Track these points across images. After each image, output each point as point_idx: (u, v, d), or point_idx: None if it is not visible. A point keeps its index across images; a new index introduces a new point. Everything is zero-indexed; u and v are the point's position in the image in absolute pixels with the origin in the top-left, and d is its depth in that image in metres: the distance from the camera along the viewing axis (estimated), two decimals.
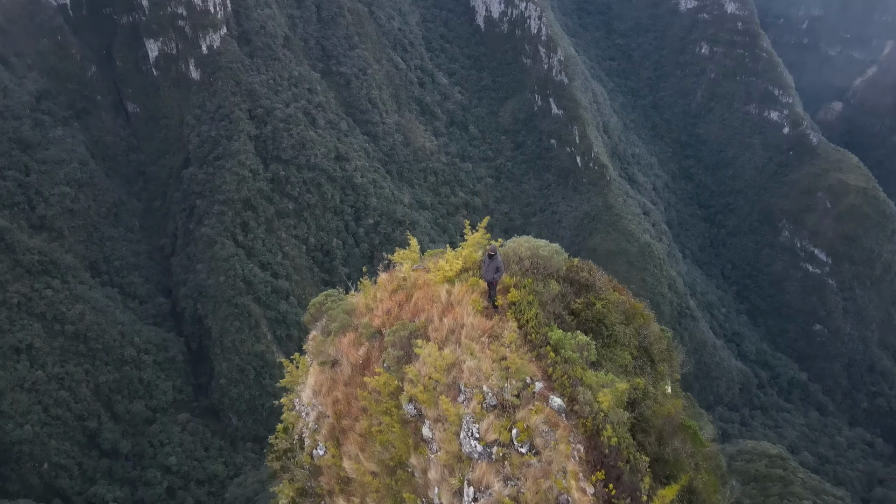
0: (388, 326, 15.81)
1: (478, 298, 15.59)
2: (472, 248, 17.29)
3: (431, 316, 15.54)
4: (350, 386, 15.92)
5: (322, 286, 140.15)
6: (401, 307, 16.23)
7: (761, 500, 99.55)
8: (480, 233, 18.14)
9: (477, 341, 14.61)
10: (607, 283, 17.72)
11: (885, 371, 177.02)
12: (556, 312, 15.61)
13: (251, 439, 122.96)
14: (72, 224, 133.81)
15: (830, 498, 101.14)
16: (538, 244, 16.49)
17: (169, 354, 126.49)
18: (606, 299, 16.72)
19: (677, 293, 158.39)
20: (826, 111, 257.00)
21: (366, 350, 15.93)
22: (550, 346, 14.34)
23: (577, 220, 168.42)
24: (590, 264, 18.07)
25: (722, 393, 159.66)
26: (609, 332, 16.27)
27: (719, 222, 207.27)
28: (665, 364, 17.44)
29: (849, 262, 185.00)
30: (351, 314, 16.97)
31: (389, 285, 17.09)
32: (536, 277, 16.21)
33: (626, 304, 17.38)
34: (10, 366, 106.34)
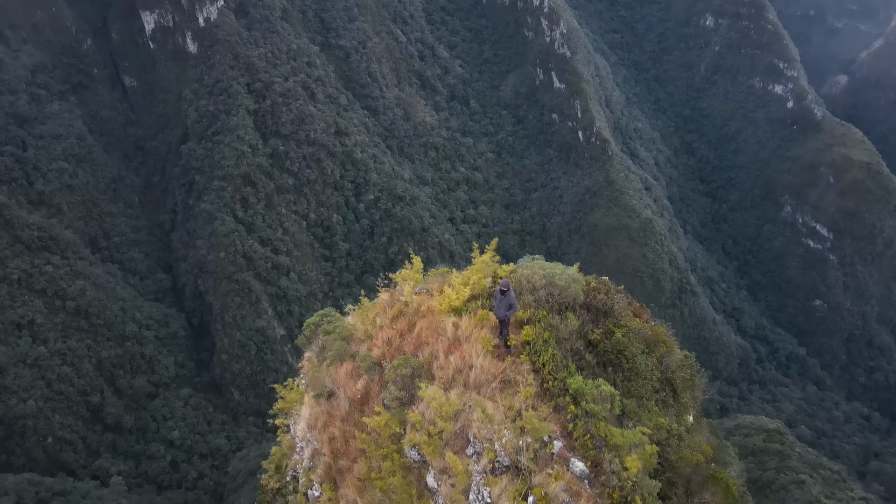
0: (388, 359, 14.58)
1: (488, 336, 14.13)
2: (481, 275, 15.84)
3: (436, 351, 14.17)
4: (347, 422, 14.66)
5: (322, 262, 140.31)
6: (402, 337, 14.88)
7: (759, 473, 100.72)
8: (489, 255, 16.70)
9: (487, 387, 13.20)
10: (626, 307, 16.37)
11: (884, 346, 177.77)
12: (574, 348, 14.41)
13: (253, 414, 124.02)
14: (70, 200, 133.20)
15: (827, 472, 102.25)
16: (553, 272, 15.00)
17: (170, 330, 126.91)
18: (626, 326, 15.47)
19: (678, 269, 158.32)
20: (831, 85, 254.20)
21: (364, 383, 14.64)
22: (570, 395, 12.96)
23: (578, 195, 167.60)
24: (607, 284, 16.70)
25: (721, 368, 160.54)
26: (630, 364, 15.09)
27: (721, 197, 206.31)
28: (688, 392, 16.24)
29: (850, 237, 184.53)
30: (348, 341, 15.60)
31: (390, 310, 15.70)
32: (552, 308, 14.85)
33: (646, 331, 16.10)
34: (12, 341, 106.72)
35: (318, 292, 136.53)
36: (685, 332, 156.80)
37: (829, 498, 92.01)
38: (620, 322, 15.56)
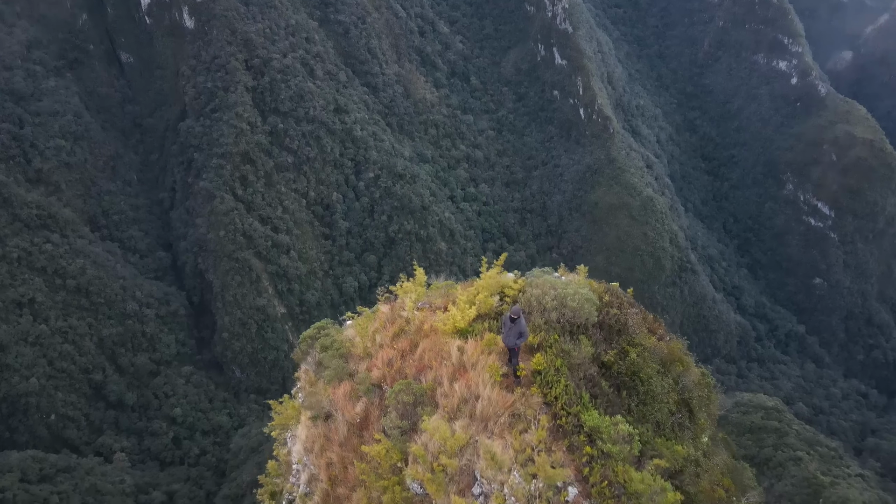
0: (388, 381, 13.81)
1: (496, 364, 13.25)
2: (487, 292, 14.75)
3: (440, 377, 13.32)
4: (346, 447, 13.96)
5: (322, 240, 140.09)
6: (403, 357, 14.03)
7: (756, 450, 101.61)
8: (496, 270, 15.53)
9: (495, 421, 12.38)
10: (640, 323, 15.38)
11: (883, 324, 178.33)
12: (588, 374, 13.48)
13: (254, 391, 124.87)
14: (69, 178, 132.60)
15: (824, 449, 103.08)
16: (566, 292, 13.98)
17: (171, 308, 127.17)
18: (641, 345, 14.58)
19: (678, 247, 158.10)
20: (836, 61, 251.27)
21: (364, 406, 13.89)
22: (585, 432, 12.08)
23: (578, 173, 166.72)
24: (620, 296, 15.73)
25: (720, 346, 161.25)
26: (645, 387, 14.24)
27: (723, 175, 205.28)
28: (704, 410, 15.45)
29: (852, 215, 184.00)
30: (346, 358, 14.75)
31: (391, 327, 14.80)
32: (563, 330, 13.97)
33: (662, 350, 15.13)
34: (13, 320, 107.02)
35: (319, 270, 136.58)
36: (685, 310, 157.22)
37: (825, 475, 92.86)
38: (635, 340, 14.65)
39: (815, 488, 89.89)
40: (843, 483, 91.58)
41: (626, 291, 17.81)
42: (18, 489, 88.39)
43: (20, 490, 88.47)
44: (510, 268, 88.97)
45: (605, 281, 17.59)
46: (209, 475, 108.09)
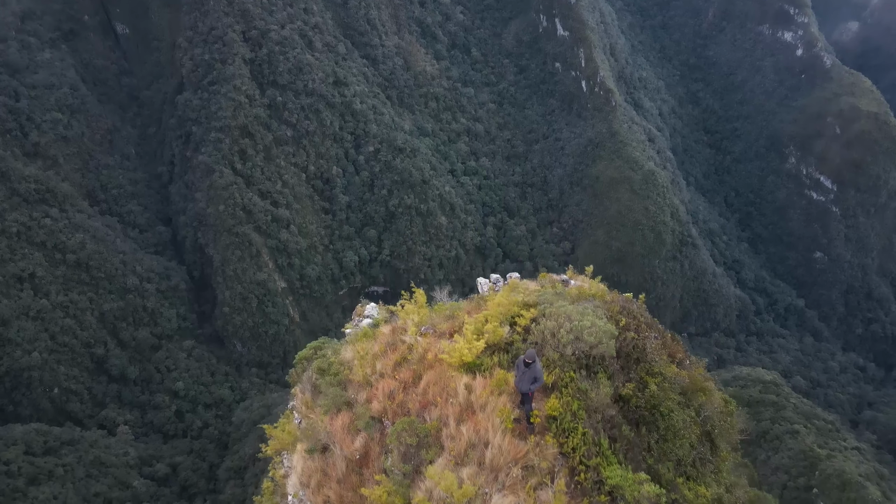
0: (390, 415, 12.88)
1: (507, 407, 12.19)
2: (497, 322, 13.48)
3: (446, 416, 12.30)
4: (344, 485, 13.08)
5: (322, 214, 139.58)
6: (406, 390, 12.98)
7: (754, 424, 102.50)
8: (505, 294, 14.21)
9: (506, 472, 11.42)
10: (660, 348, 14.29)
11: (882, 298, 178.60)
12: (607, 416, 12.54)
13: (256, 365, 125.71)
14: (66, 152, 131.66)
15: (821, 422, 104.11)
16: (582, 324, 12.93)
17: (171, 283, 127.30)
18: (661, 375, 13.61)
19: (679, 221, 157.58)
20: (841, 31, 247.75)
21: (364, 441, 13.01)
22: (606, 492, 11.12)
23: (580, 147, 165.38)
24: (636, 313, 14.49)
25: (719, 319, 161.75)
26: (666, 422, 13.23)
27: (725, 149, 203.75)
28: (725, 440, 14.58)
29: (854, 189, 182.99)
30: (345, 385, 13.76)
31: (392, 354, 13.72)
32: (580, 364, 12.98)
33: (683, 379, 14.04)
34: (14, 294, 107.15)
35: (319, 245, 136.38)
36: (685, 284, 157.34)
37: (822, 448, 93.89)
38: (654, 369, 13.58)
39: (812, 461, 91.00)
40: (840, 456, 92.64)
41: (639, 301, 16.58)
42: (23, 461, 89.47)
43: (25, 462, 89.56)
44: (510, 243, 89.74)
45: (617, 291, 16.43)
46: (212, 448, 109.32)
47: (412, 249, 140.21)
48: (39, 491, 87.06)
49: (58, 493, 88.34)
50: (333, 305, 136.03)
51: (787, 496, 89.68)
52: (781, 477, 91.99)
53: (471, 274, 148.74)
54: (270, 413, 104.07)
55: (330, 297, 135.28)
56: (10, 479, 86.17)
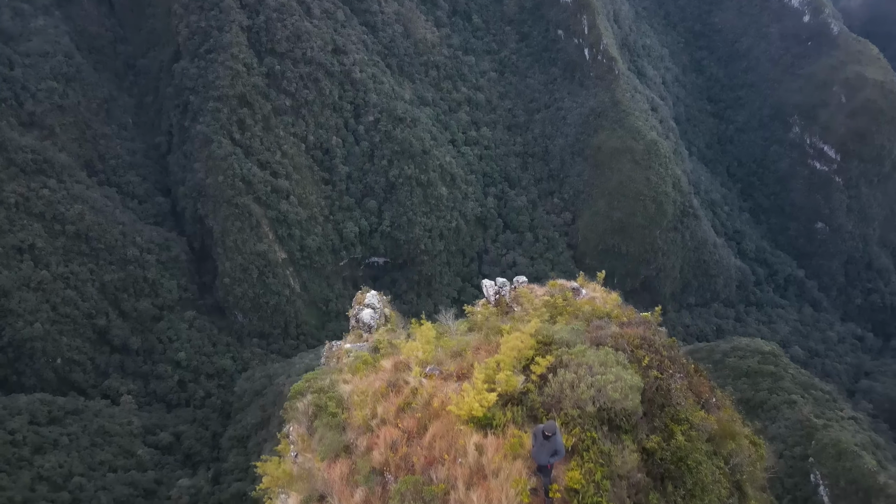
0: (392, 469, 11.99)
1: (522, 477, 11.15)
2: (510, 369, 12.33)
3: (454, 478, 11.25)
4: None
5: (322, 185, 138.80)
6: (410, 441, 12.05)
7: (752, 394, 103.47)
8: (519, 337, 12.73)
9: None
10: (685, 387, 13.08)
11: (883, 268, 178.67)
12: (633, 482, 11.48)
13: (257, 335, 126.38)
14: (63, 121, 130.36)
15: (818, 392, 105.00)
16: (606, 378, 11.82)
17: (172, 254, 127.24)
18: (688, 422, 12.54)
19: (681, 192, 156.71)
20: None
21: (364, 496, 12.19)
22: None
23: (582, 116, 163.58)
24: (658, 346, 13.22)
25: (719, 290, 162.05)
26: (694, 477, 12.17)
27: (728, 118, 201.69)
28: (754, 485, 13.56)
29: (858, 159, 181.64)
30: (343, 428, 12.88)
31: (394, 396, 12.70)
32: (601, 419, 11.91)
33: (711, 425, 12.95)
34: (14, 265, 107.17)
35: (319, 216, 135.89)
36: (685, 255, 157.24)
37: (818, 417, 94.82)
38: (680, 415, 12.45)
39: (808, 431, 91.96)
40: (836, 426, 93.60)
41: (655, 314, 15.27)
42: (28, 431, 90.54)
43: (30, 432, 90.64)
44: (511, 213, 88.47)
45: (633, 309, 15.10)
46: (215, 417, 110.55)
47: (412, 220, 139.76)
48: (45, 460, 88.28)
49: (63, 461, 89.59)
50: (334, 276, 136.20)
51: (783, 465, 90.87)
52: (778, 446, 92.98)
53: (471, 245, 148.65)
54: (272, 383, 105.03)
55: (330, 267, 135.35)
56: (15, 449, 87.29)
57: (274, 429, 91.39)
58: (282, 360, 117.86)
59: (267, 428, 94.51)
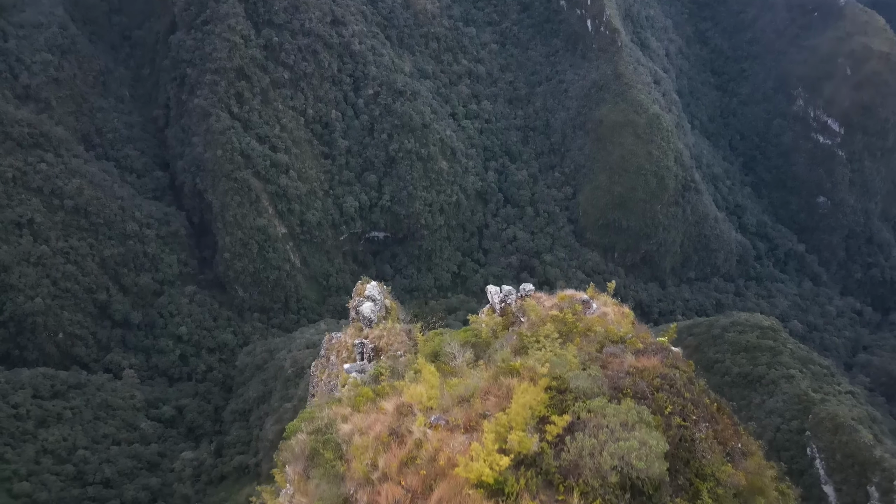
0: None
1: None
2: (522, 428, 11.48)
3: None
4: None
5: (322, 159, 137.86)
6: (414, 502, 11.10)
7: (750, 368, 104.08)
8: (533, 394, 11.84)
9: None
10: (710, 437, 12.17)
11: (883, 242, 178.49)
12: None
13: (257, 310, 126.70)
14: (58, 94, 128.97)
15: (816, 367, 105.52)
16: (629, 445, 11.02)
17: (171, 228, 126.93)
18: (714, 478, 11.53)
19: (683, 166, 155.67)
20: None
21: None
22: None
23: (584, 89, 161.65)
24: (679, 386, 12.39)
25: (719, 265, 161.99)
26: None
27: (732, 90, 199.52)
28: None
29: (862, 132, 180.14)
30: (341, 480, 12.03)
31: (396, 449, 11.91)
32: (623, 487, 11.08)
33: (739, 481, 12.10)
34: (14, 240, 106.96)
35: (319, 190, 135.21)
36: (686, 229, 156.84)
37: (816, 392, 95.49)
38: (706, 470, 11.52)
39: (806, 405, 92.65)
40: (833, 400, 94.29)
41: (669, 332, 14.46)
42: (32, 405, 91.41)
43: (34, 406, 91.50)
44: (511, 187, 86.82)
45: (648, 331, 14.28)
46: (216, 390, 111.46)
47: (413, 195, 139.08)
48: (49, 433, 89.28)
49: (67, 434, 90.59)
50: (334, 251, 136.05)
51: (780, 438, 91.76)
52: (775, 420, 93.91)
53: (471, 219, 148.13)
54: (273, 358, 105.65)
55: (330, 242, 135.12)
56: (19, 422, 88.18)
57: (275, 403, 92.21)
58: (282, 335, 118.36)
59: (268, 402, 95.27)
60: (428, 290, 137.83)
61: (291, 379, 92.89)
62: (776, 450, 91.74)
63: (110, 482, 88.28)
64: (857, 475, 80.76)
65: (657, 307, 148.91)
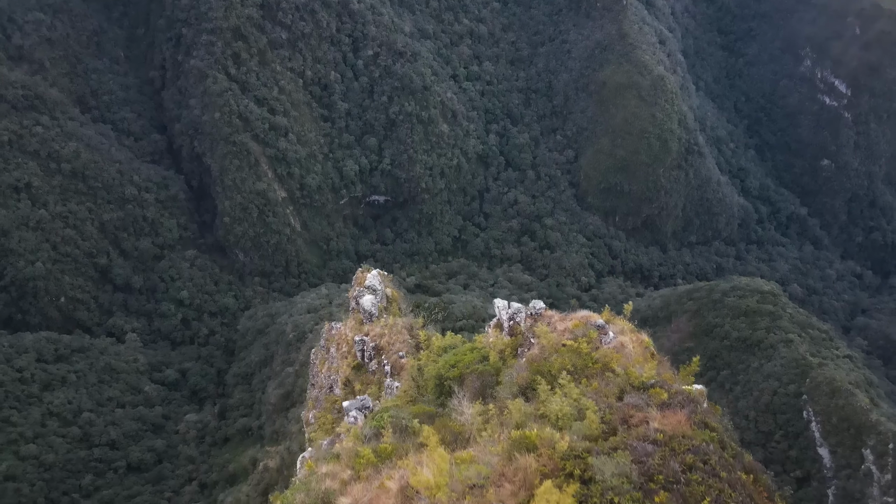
0: None
1: None
2: None
3: None
4: None
5: (321, 122, 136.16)
6: None
7: (749, 332, 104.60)
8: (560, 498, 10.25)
9: None
10: None
11: (886, 206, 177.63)
12: None
13: (258, 274, 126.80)
14: (52, 55, 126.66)
15: (815, 331, 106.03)
16: None
17: (170, 192, 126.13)
18: None
19: (687, 129, 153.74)
20: None
21: None
22: None
23: (587, 50, 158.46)
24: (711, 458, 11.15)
25: (721, 228, 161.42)
26: None
27: (738, 50, 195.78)
28: None
29: (869, 93, 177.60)
30: None
31: None
32: None
33: None
34: (12, 205, 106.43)
35: (318, 154, 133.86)
36: (689, 193, 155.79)
37: (814, 356, 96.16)
38: None
39: (803, 369, 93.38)
40: (831, 364, 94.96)
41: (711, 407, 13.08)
42: (36, 368, 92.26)
43: (38, 369, 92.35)
44: (513, 151, 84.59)
45: (672, 374, 13.08)
46: (219, 354, 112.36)
47: (413, 158, 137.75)
48: (54, 396, 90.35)
49: (72, 398, 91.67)
50: (334, 215, 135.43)
51: (777, 402, 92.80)
52: (772, 384, 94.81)
53: (472, 183, 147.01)
54: (274, 322, 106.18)
55: (331, 206, 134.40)
56: (24, 386, 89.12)
57: (277, 367, 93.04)
58: (283, 299, 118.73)
59: (270, 366, 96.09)
60: (429, 253, 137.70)
61: (293, 343, 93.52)
62: (772, 412, 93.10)
63: (116, 444, 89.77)
64: (853, 438, 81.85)
65: (657, 271, 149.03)
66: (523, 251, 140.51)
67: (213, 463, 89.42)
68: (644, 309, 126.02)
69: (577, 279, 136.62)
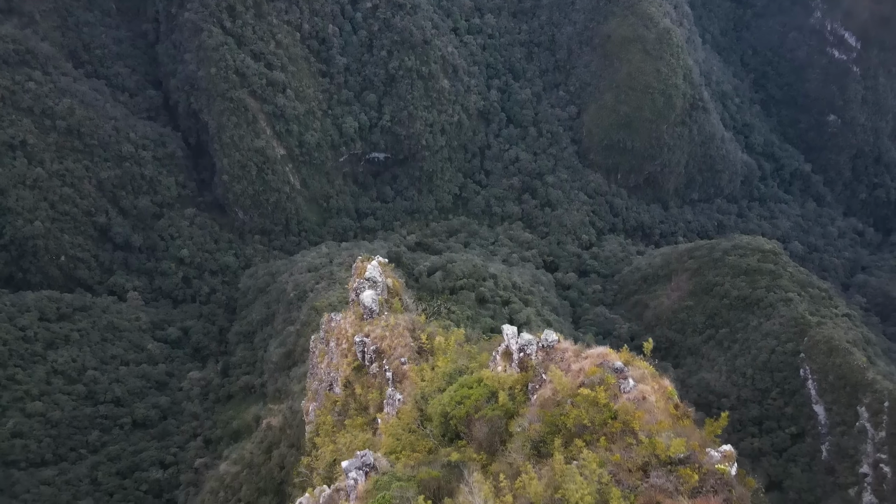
0: None
1: None
2: None
3: None
4: None
5: (319, 78, 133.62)
6: None
7: (749, 291, 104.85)
8: None
9: None
10: None
11: (891, 162, 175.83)
12: None
13: (258, 232, 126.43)
14: (42, 7, 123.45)
15: (815, 290, 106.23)
16: None
17: (168, 150, 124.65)
18: None
19: (692, 84, 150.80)
20: None
21: None
22: None
23: (592, 1, 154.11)
24: None
25: (723, 185, 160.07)
26: None
27: (747, 1, 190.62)
28: None
29: (879, 47, 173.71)
30: None
31: None
32: None
33: None
34: (8, 163, 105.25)
35: (317, 110, 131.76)
36: (692, 150, 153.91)
37: (813, 315, 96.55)
38: None
39: (802, 328, 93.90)
40: (830, 323, 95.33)
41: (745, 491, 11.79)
42: (39, 327, 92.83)
43: (41, 328, 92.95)
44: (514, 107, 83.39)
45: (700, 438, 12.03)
46: (220, 312, 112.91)
47: (413, 114, 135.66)
48: (58, 354, 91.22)
49: (76, 356, 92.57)
50: (334, 172, 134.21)
51: (774, 360, 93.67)
52: (770, 342, 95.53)
53: (473, 140, 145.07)
54: (275, 280, 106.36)
55: (330, 163, 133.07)
56: (27, 345, 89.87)
57: (279, 325, 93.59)
58: (284, 257, 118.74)
59: (272, 324, 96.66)
60: (429, 211, 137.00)
61: (294, 302, 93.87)
62: (769, 370, 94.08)
63: (121, 401, 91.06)
64: (848, 396, 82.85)
65: (659, 228, 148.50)
66: (524, 209, 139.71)
67: (216, 419, 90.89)
68: (645, 267, 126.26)
69: (577, 237, 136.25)
